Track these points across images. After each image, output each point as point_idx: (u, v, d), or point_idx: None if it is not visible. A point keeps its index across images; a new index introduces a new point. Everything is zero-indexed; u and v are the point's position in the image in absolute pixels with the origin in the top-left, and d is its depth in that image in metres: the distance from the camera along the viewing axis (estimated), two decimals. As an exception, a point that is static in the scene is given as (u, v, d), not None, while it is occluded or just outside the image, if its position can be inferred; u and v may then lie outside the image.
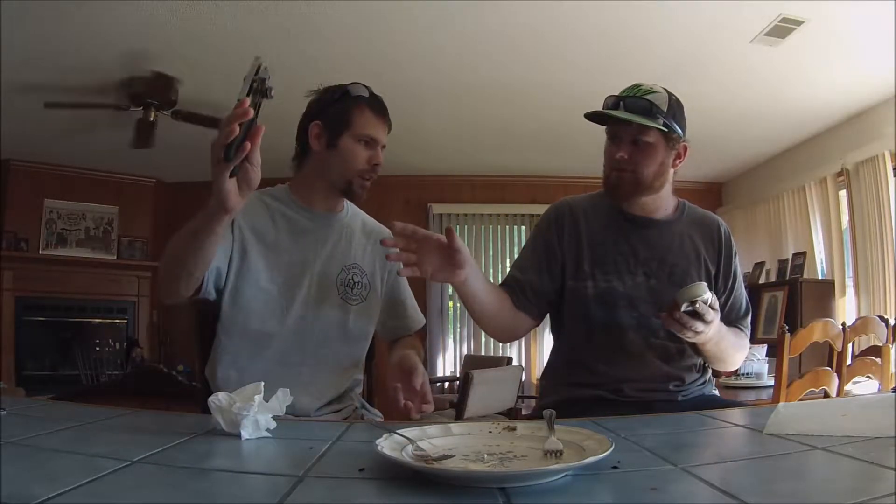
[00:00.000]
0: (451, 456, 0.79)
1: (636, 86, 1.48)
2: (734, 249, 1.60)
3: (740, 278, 1.61)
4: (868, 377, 2.37)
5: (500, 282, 1.57)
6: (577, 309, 1.50)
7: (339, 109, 1.49)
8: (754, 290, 5.06)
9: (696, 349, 1.47)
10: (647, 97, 1.45)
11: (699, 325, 1.28)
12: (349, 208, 1.61)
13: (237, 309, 1.44)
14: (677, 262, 1.51)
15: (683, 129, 1.50)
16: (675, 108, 1.48)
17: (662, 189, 1.53)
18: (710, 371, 1.61)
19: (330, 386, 1.51)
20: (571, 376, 1.51)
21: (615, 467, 0.77)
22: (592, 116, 1.49)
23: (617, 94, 1.49)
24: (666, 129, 1.45)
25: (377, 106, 1.52)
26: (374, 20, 3.25)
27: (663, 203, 1.56)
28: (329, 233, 1.54)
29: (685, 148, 1.51)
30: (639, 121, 1.43)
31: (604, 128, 1.53)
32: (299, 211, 1.54)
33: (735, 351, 1.53)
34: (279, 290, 1.47)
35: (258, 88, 1.00)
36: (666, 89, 1.49)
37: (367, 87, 1.53)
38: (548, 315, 1.59)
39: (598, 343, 1.48)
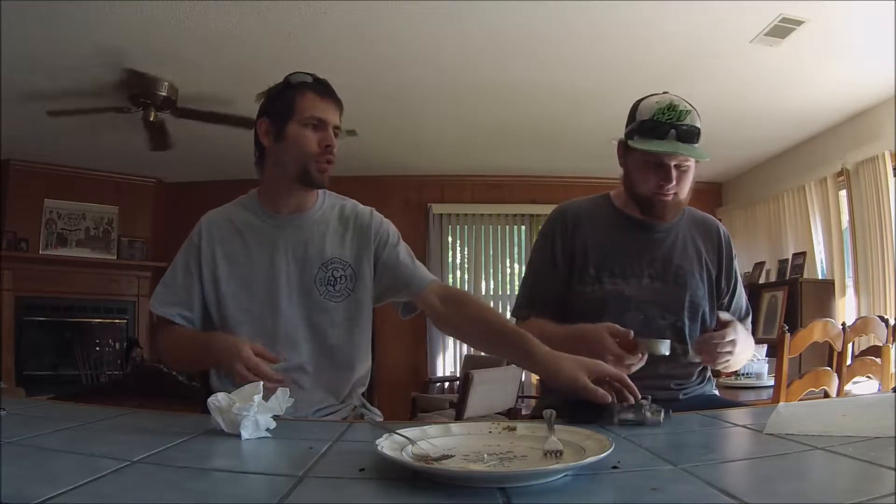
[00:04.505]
0: (451, 456, 0.79)
1: (673, 106, 1.42)
2: (734, 252, 1.61)
3: (740, 280, 1.62)
4: (868, 377, 2.37)
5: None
6: (584, 312, 1.49)
7: (282, 100, 1.45)
8: (754, 290, 5.06)
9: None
10: (689, 121, 1.41)
11: (727, 347, 1.35)
12: (324, 201, 1.54)
13: (229, 333, 1.44)
14: (681, 263, 1.52)
15: None
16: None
17: None
18: (709, 370, 1.62)
19: (330, 392, 1.47)
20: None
21: (615, 467, 0.77)
22: (637, 147, 1.44)
23: (654, 116, 1.42)
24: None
25: (321, 88, 1.46)
26: (374, 20, 3.25)
27: None
28: (299, 234, 1.49)
29: None
30: (699, 156, 1.41)
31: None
32: (266, 219, 1.50)
33: (749, 352, 1.56)
34: (260, 305, 1.45)
35: None
36: (687, 101, 1.46)
37: (310, 74, 1.48)
38: None
39: None
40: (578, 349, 1.28)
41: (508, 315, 1.67)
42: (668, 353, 1.28)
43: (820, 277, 4.86)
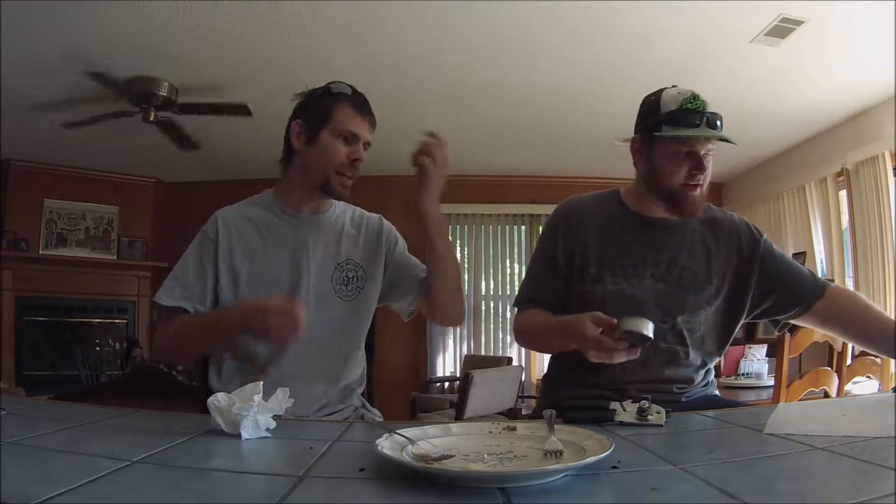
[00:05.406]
0: (451, 456, 0.79)
1: (696, 96, 1.41)
2: (761, 244, 1.55)
3: (789, 259, 1.59)
4: (868, 377, 2.36)
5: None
6: (584, 311, 1.47)
7: (319, 107, 1.49)
8: (754, 290, 5.05)
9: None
10: (711, 109, 1.40)
11: None
12: (337, 206, 1.60)
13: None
14: (687, 264, 1.48)
15: None
16: None
17: None
18: (712, 373, 1.60)
19: (331, 386, 1.50)
20: (575, 377, 1.50)
21: (615, 467, 0.77)
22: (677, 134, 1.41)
23: (682, 105, 1.40)
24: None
25: (358, 103, 1.51)
26: (374, 20, 3.25)
27: None
28: (318, 234, 1.53)
29: None
30: (730, 139, 1.40)
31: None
32: (285, 217, 1.53)
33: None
34: None
35: None
36: None
37: (349, 85, 1.53)
38: None
39: None
40: (563, 337, 1.32)
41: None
42: (651, 336, 1.19)
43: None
